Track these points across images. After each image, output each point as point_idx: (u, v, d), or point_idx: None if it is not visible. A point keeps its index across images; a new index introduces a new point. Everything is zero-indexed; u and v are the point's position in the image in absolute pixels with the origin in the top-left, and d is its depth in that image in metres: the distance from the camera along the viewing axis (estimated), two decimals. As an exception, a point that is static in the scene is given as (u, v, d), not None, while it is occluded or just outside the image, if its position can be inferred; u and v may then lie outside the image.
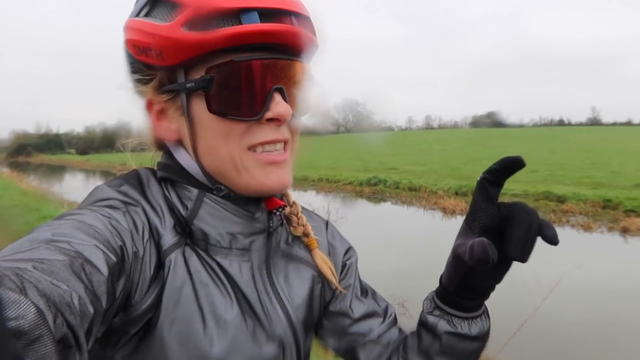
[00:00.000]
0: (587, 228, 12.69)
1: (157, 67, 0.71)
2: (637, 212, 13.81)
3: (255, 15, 0.66)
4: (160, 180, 0.76)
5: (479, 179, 0.71)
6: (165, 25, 0.68)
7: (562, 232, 12.50)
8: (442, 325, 0.78)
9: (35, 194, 16.83)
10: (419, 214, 15.34)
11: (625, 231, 12.20)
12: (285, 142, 0.74)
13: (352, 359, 0.89)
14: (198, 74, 0.69)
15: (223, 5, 0.66)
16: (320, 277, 0.85)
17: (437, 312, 0.79)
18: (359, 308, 0.89)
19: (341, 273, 0.90)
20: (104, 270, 0.55)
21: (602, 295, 7.26)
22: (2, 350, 0.27)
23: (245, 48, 0.67)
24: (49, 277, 0.45)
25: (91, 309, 0.50)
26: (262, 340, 0.73)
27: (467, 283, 0.74)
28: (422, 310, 0.83)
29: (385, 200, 18.47)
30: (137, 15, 0.73)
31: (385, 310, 0.92)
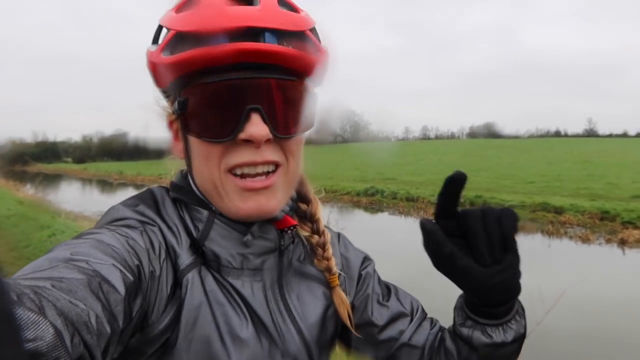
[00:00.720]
0: (585, 240, 12.69)
1: (162, 90, 0.76)
2: (634, 224, 13.83)
3: (225, 36, 0.65)
4: (174, 200, 0.77)
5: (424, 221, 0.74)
6: (154, 51, 0.71)
7: (560, 244, 12.53)
8: (477, 336, 0.77)
9: (31, 203, 16.76)
10: (417, 225, 15.31)
11: (623, 243, 12.19)
12: (277, 165, 0.72)
13: None
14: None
15: (197, 28, 0.66)
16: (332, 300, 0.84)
17: (469, 323, 0.78)
18: (382, 314, 0.87)
19: (357, 284, 0.89)
20: (121, 289, 0.55)
21: (600, 308, 7.23)
22: None
23: (223, 69, 0.66)
24: (67, 296, 0.46)
25: (108, 328, 0.50)
26: (277, 358, 0.72)
27: (468, 284, 0.74)
28: (455, 322, 0.81)
29: (382, 211, 18.46)
30: (153, 43, 0.75)
31: (411, 307, 0.90)
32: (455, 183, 0.71)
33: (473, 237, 0.70)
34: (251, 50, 0.65)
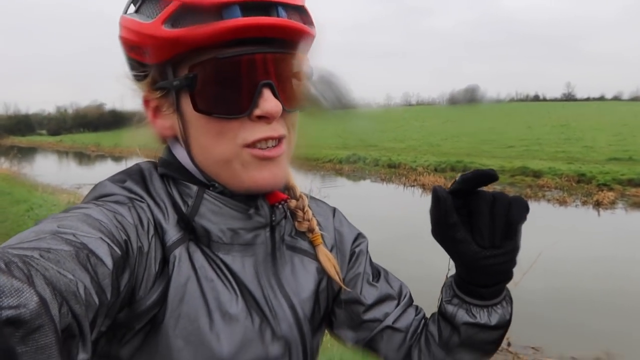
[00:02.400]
0: (562, 202, 13.01)
1: (147, 65, 0.71)
2: (609, 185, 14.19)
3: (237, 9, 0.64)
4: (162, 176, 0.76)
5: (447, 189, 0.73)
6: (148, 23, 0.66)
7: (538, 206, 12.81)
8: (461, 315, 0.77)
9: (6, 177, 16.43)
10: (398, 191, 15.48)
11: (598, 204, 12.54)
12: (281, 138, 0.71)
13: (372, 350, 0.87)
14: (184, 71, 0.67)
15: (206, 0, 0.63)
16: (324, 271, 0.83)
17: (455, 301, 0.78)
18: (371, 293, 0.87)
19: (349, 261, 0.89)
20: (109, 263, 0.55)
21: (574, 269, 7.46)
22: None
23: (231, 43, 0.65)
24: (56, 266, 0.45)
25: (96, 300, 0.50)
26: (268, 338, 0.72)
27: (462, 260, 0.74)
28: (441, 298, 0.81)
29: (364, 178, 18.57)
30: (127, 11, 0.72)
31: (400, 291, 0.90)
32: (484, 177, 0.71)
33: (478, 217, 0.70)
34: (270, 25, 0.64)
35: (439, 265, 5.37)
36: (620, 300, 6.29)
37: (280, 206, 0.78)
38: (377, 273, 0.91)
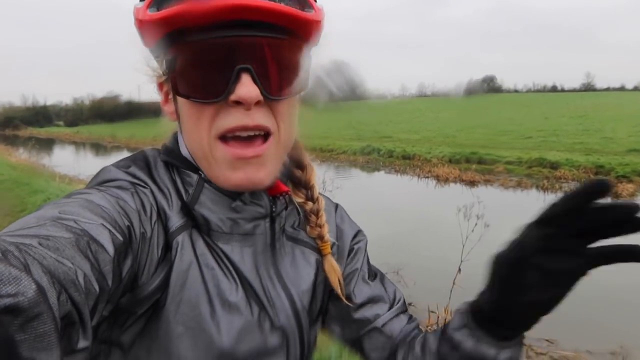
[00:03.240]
0: (579, 194, 12.78)
1: (150, 50, 0.71)
2: (628, 177, 13.95)
3: None
4: (166, 163, 0.76)
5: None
6: (140, 8, 0.66)
7: (555, 198, 12.60)
8: (469, 345, 0.69)
9: (25, 168, 16.69)
10: (413, 182, 15.40)
11: (617, 196, 12.32)
12: (267, 132, 0.69)
13: (357, 349, 0.86)
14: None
15: None
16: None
17: (465, 331, 0.70)
18: (364, 292, 0.86)
19: (348, 257, 0.88)
20: (110, 249, 0.55)
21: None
22: None
23: (217, 26, 0.62)
24: (54, 254, 0.45)
25: (97, 287, 0.50)
26: (266, 328, 0.72)
27: (507, 301, 0.65)
28: (449, 324, 0.74)
29: (379, 170, 18.50)
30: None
31: (394, 296, 0.88)
32: (598, 189, 0.58)
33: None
34: (244, 6, 0.61)
35: (452, 258, 5.34)
36: (633, 294, 6.20)
37: (281, 197, 0.77)
38: (374, 274, 0.90)
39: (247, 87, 0.64)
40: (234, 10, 0.61)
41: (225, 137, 0.68)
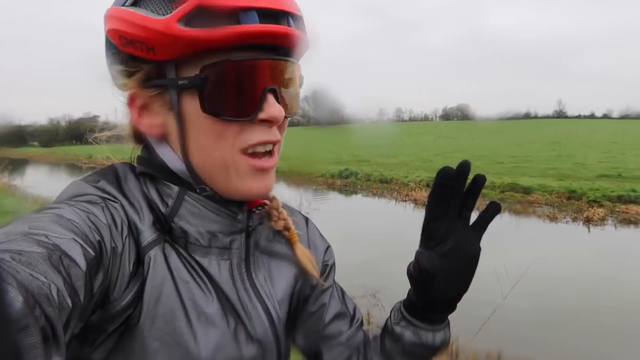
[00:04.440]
0: (552, 218, 13.08)
1: (145, 61, 0.69)
2: (599, 202, 14.28)
3: (255, 15, 0.65)
4: (139, 176, 0.75)
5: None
6: (160, 19, 0.65)
7: (528, 222, 12.87)
8: (408, 335, 0.84)
9: (-3, 188, 16.25)
10: (390, 206, 15.49)
11: (588, 221, 12.61)
12: (274, 144, 0.73)
13: (315, 358, 0.89)
14: (190, 71, 0.67)
15: (223, 3, 0.64)
16: (300, 274, 0.84)
17: (403, 323, 0.85)
18: (333, 308, 0.90)
19: (322, 274, 0.90)
20: (82, 264, 0.54)
21: (564, 285, 7.48)
22: (3, 336, 0.28)
23: (241, 48, 0.66)
24: (28, 269, 0.44)
25: (69, 302, 0.49)
26: (242, 340, 0.72)
27: (428, 297, 0.81)
28: (389, 320, 0.88)
29: (356, 193, 18.58)
30: (124, 4, 0.69)
31: (354, 313, 0.93)
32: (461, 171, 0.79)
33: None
34: (283, 33, 0.67)
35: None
36: (606, 320, 6.30)
37: (257, 211, 0.79)
38: (341, 290, 0.94)
39: (275, 107, 0.69)
40: (269, 36, 0.66)
41: (247, 151, 0.71)
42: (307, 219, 0.94)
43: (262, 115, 0.68)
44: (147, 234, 0.68)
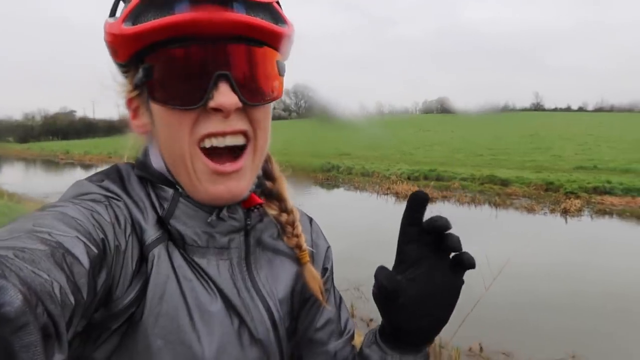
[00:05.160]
0: (530, 210, 13.30)
1: (121, 65, 0.72)
2: (576, 193, 14.57)
3: (186, 3, 0.64)
4: (140, 178, 0.75)
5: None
6: (114, 23, 0.67)
7: (506, 214, 13.07)
8: (375, 358, 0.77)
9: (-30, 186, 15.86)
10: (372, 199, 15.57)
11: (565, 212, 12.86)
12: (246, 136, 0.71)
13: None
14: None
15: None
16: (302, 275, 0.83)
17: (374, 347, 0.78)
18: (327, 314, 0.87)
19: (322, 276, 0.88)
20: (86, 262, 0.54)
21: (542, 273, 7.63)
22: None
23: (190, 36, 0.65)
24: (30, 266, 0.44)
25: (72, 300, 0.49)
26: (245, 340, 0.72)
27: (395, 321, 0.73)
28: (363, 343, 0.81)
29: (338, 186, 18.63)
30: (110, 15, 0.72)
31: (345, 324, 0.90)
32: (419, 200, 0.71)
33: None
34: (216, 20, 0.64)
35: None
36: (583, 303, 6.49)
37: (255, 210, 0.78)
38: (339, 298, 0.92)
39: (226, 96, 0.65)
40: (201, 23, 0.63)
41: (203, 145, 0.69)
42: (311, 220, 0.94)
43: (211, 104, 0.66)
44: (151, 232, 0.69)
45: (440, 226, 0.68)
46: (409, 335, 0.73)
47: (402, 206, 0.73)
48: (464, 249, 0.70)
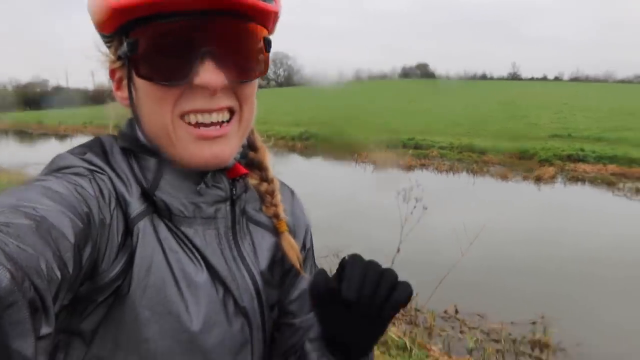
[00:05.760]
0: (504, 177, 13.56)
1: (106, 37, 0.71)
2: (550, 161, 14.88)
3: None
4: (123, 150, 0.75)
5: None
6: None
7: (483, 181, 13.31)
8: (313, 357, 0.77)
9: (-61, 157, 15.38)
10: (351, 168, 15.63)
11: (538, 179, 13.15)
12: (231, 111, 0.71)
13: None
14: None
15: None
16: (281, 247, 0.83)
17: (316, 344, 0.77)
18: (301, 287, 0.86)
19: (301, 250, 0.88)
20: (71, 236, 0.54)
21: (515, 238, 7.85)
22: None
23: (177, 12, 0.64)
24: (16, 241, 0.44)
25: (59, 274, 0.49)
26: (230, 308, 0.73)
27: (330, 334, 0.73)
28: (312, 331, 0.80)
29: (317, 155, 18.62)
30: None
31: None
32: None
33: (350, 267, 0.67)
34: None
35: (386, 238, 5.52)
36: (554, 267, 6.74)
37: (240, 180, 0.78)
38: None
39: (211, 73, 0.65)
40: (204, 0, 0.63)
41: (187, 119, 0.69)
42: (292, 192, 0.93)
43: (197, 80, 0.66)
44: (136, 206, 0.69)
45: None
46: (341, 346, 0.73)
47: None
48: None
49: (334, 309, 0.68)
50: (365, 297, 0.65)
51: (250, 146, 0.85)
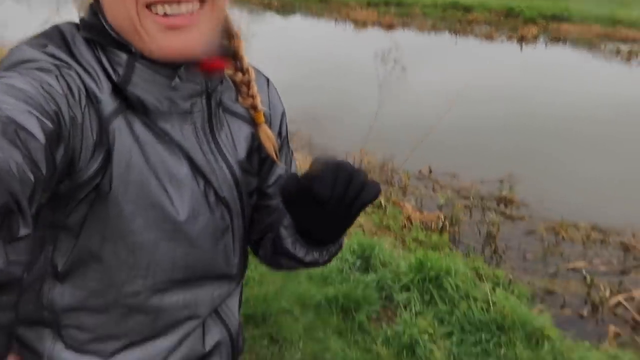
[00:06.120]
0: (489, 37, 13.28)
1: None
2: (534, 20, 14.50)
3: None
4: (87, 41, 0.68)
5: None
6: None
7: (466, 41, 13.04)
8: (287, 242, 0.78)
9: None
10: (330, 26, 15.03)
11: (522, 39, 12.93)
12: (202, 1, 0.65)
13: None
14: None
15: None
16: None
17: (290, 230, 0.78)
18: (280, 170, 0.87)
19: (277, 137, 0.87)
20: (40, 136, 0.50)
21: (492, 97, 7.94)
22: None
23: None
24: None
25: (31, 176, 0.47)
26: (212, 199, 0.74)
27: (302, 228, 0.74)
28: (287, 216, 0.79)
29: (294, 13, 17.71)
30: None
31: None
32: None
33: (325, 167, 0.64)
34: None
35: (364, 93, 5.50)
36: (529, 124, 6.97)
37: (214, 75, 0.75)
38: (291, 159, 0.92)
39: None
40: None
41: (154, 9, 0.64)
42: (268, 80, 0.90)
43: None
44: (108, 103, 0.66)
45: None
46: (313, 234, 0.75)
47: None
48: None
49: (305, 207, 0.67)
50: (336, 196, 0.64)
51: (225, 33, 0.79)
